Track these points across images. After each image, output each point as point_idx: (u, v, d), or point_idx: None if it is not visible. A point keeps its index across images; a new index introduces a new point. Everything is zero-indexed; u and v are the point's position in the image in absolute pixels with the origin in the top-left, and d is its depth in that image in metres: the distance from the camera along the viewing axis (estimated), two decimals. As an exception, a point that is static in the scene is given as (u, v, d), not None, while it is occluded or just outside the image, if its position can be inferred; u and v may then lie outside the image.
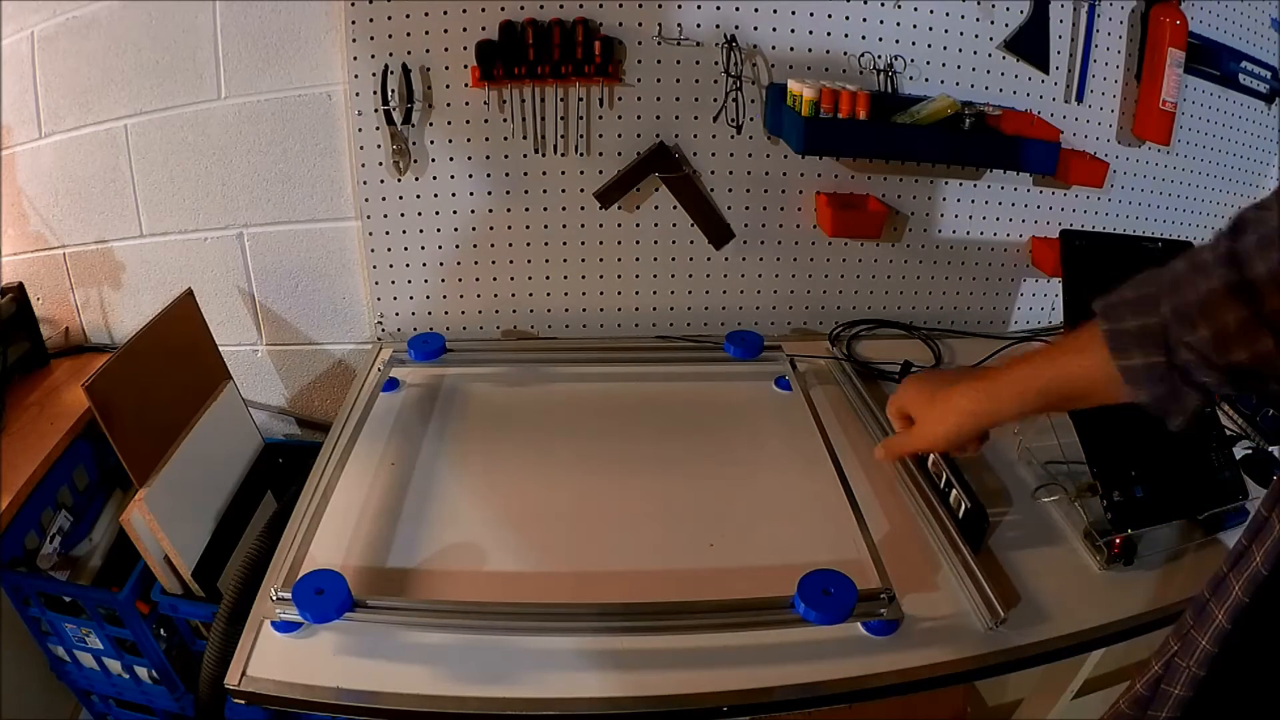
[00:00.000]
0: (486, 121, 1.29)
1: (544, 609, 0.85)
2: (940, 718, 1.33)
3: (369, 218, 1.34)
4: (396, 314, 1.42)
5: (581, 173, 1.33)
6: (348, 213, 1.36)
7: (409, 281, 1.40)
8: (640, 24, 1.24)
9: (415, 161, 1.30)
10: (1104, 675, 1.27)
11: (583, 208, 1.36)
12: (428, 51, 1.24)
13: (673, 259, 1.41)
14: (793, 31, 1.27)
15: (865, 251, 1.45)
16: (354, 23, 1.21)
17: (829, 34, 1.28)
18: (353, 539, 0.96)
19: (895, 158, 1.35)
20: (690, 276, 1.43)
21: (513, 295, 1.42)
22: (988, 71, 1.33)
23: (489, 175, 1.32)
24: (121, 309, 1.47)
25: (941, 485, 1.02)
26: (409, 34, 1.22)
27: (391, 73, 1.23)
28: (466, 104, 1.27)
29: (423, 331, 1.40)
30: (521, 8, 1.21)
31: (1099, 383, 0.63)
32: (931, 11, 1.28)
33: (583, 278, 1.42)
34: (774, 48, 1.28)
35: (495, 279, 1.40)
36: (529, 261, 1.39)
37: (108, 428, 1.06)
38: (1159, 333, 0.57)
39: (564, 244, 1.38)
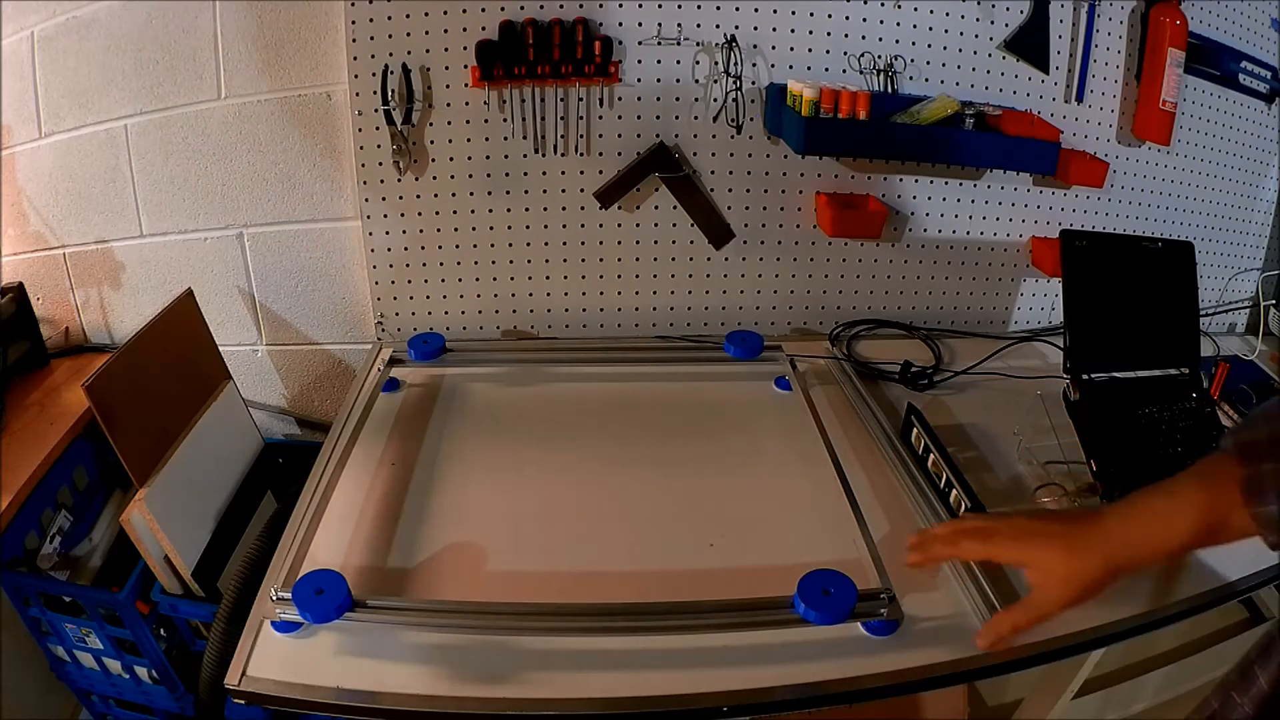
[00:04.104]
0: (486, 121, 1.29)
1: (544, 609, 0.85)
2: (940, 718, 1.33)
3: (369, 218, 1.34)
4: (396, 314, 1.42)
5: (581, 173, 1.33)
6: (348, 213, 1.36)
7: (409, 281, 1.40)
8: (640, 24, 1.24)
9: (415, 161, 1.30)
10: (1104, 675, 1.27)
11: (583, 208, 1.36)
12: (428, 51, 1.24)
13: (673, 259, 1.41)
14: (793, 31, 1.27)
15: (865, 251, 1.45)
16: (354, 23, 1.21)
17: (829, 34, 1.28)
18: (353, 539, 0.96)
19: (895, 158, 1.35)
20: (690, 276, 1.43)
21: (513, 295, 1.42)
22: (988, 71, 1.33)
23: (489, 175, 1.32)
24: (121, 309, 1.47)
25: (941, 485, 1.02)
26: (409, 34, 1.22)
27: (391, 73, 1.23)
28: (466, 104, 1.27)
29: (423, 331, 1.40)
30: (521, 8, 1.21)
31: (1231, 529, 0.63)
32: (931, 11, 1.28)
33: (583, 278, 1.42)
34: (774, 48, 1.28)
35: (495, 279, 1.40)
36: (529, 261, 1.39)
37: (108, 428, 1.06)
38: None
39: (564, 244, 1.38)
